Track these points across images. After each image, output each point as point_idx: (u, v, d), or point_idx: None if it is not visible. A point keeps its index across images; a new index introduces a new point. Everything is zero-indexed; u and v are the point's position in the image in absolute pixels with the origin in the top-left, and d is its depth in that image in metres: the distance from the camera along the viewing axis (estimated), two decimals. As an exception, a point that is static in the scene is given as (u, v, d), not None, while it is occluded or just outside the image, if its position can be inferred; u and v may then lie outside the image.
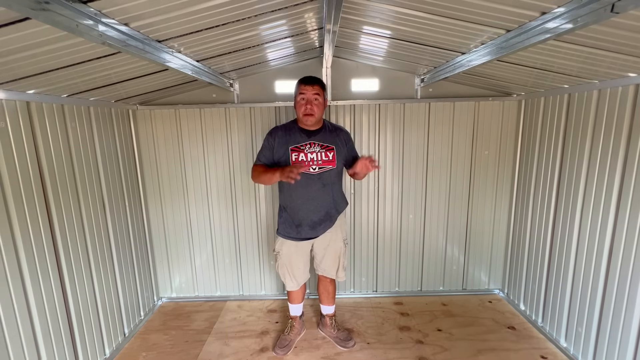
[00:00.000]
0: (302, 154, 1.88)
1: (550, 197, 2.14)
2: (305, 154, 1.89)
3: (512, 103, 2.50)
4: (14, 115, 1.47)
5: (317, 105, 1.83)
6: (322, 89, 1.86)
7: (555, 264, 2.11)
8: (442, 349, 2.11)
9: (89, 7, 0.95)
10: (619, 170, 1.67)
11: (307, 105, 1.81)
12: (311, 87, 1.82)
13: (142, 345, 2.21)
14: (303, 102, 1.82)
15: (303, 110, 1.82)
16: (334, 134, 1.96)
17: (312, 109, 1.82)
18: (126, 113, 2.37)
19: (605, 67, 1.54)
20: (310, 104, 1.81)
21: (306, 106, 1.81)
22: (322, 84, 1.86)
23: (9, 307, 1.44)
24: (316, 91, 1.82)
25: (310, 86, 1.82)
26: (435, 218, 2.67)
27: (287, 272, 2.05)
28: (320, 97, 1.84)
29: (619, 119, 1.65)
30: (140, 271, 2.49)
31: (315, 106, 1.82)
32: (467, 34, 1.47)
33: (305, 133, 1.91)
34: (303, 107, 1.82)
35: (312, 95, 1.82)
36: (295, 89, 1.90)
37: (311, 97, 1.82)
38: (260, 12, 1.38)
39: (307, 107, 1.81)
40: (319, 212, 1.94)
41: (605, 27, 1.13)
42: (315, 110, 1.82)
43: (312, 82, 1.83)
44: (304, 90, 1.82)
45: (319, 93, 1.84)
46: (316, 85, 1.83)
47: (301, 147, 1.89)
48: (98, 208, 2.01)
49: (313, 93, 1.82)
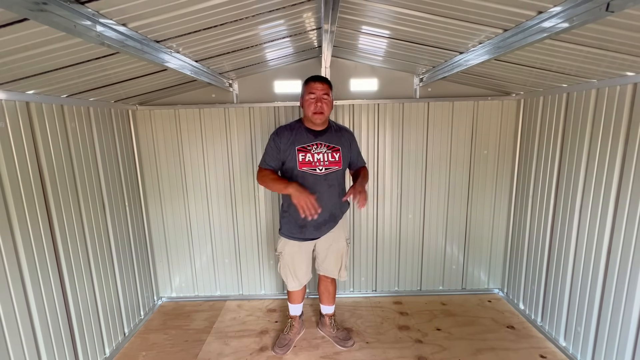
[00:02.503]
0: (308, 154, 1.88)
1: (549, 196, 2.14)
2: (312, 154, 1.88)
3: (511, 102, 2.50)
4: (14, 116, 1.48)
5: (327, 104, 1.84)
6: (330, 87, 1.87)
7: (555, 264, 2.11)
8: (442, 349, 2.11)
9: (86, 8, 0.96)
10: (617, 169, 1.67)
11: (317, 103, 1.81)
12: (321, 84, 1.83)
13: (142, 345, 2.22)
14: (313, 101, 1.82)
15: (313, 109, 1.82)
16: (339, 134, 1.97)
17: (322, 107, 1.82)
18: (126, 113, 2.38)
19: (604, 66, 1.54)
20: (320, 101, 1.82)
21: (316, 104, 1.81)
22: (330, 83, 1.88)
23: (9, 307, 1.45)
24: (325, 90, 1.83)
25: (320, 84, 1.83)
26: (434, 217, 2.67)
27: (290, 273, 2.05)
28: (329, 96, 1.85)
29: (617, 118, 1.65)
30: (140, 271, 2.49)
31: (325, 104, 1.83)
32: (464, 33, 1.47)
33: (312, 133, 1.91)
34: (313, 106, 1.82)
35: (322, 93, 1.82)
36: (302, 88, 1.90)
37: (321, 96, 1.82)
38: (258, 12, 1.38)
39: (318, 105, 1.81)
40: (324, 213, 1.93)
41: (602, 26, 1.14)
42: (325, 108, 1.83)
43: (322, 80, 1.84)
44: (314, 88, 1.82)
45: (328, 91, 1.85)
46: (325, 83, 1.84)
47: (308, 147, 1.89)
48: (98, 208, 2.02)
49: (323, 91, 1.83)
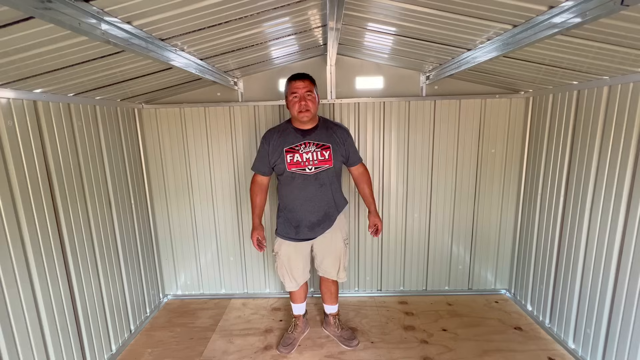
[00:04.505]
0: (296, 154, 1.86)
1: (559, 195, 2.10)
2: (300, 154, 1.86)
3: (520, 100, 2.46)
4: (22, 115, 1.49)
5: (311, 100, 1.80)
6: (312, 83, 1.83)
7: (564, 264, 2.07)
8: (447, 349, 2.09)
9: (91, 6, 0.96)
10: (629, 169, 1.62)
11: (300, 102, 1.79)
12: (302, 82, 1.79)
13: (148, 342, 2.24)
14: (296, 100, 1.79)
15: (297, 108, 1.79)
16: (330, 131, 1.93)
17: (306, 104, 1.79)
18: (132, 112, 2.39)
19: (616, 63, 1.50)
20: (304, 100, 1.79)
21: (300, 103, 1.79)
22: (311, 79, 1.83)
23: (17, 304, 1.46)
24: (307, 86, 1.79)
25: (301, 82, 1.79)
26: (440, 217, 2.64)
27: (286, 273, 2.05)
28: (312, 92, 1.81)
29: (630, 116, 1.60)
30: (146, 268, 2.51)
31: (309, 101, 1.79)
32: (472, 29, 1.44)
33: (300, 133, 1.88)
34: (297, 105, 1.79)
35: (304, 91, 1.79)
36: (285, 88, 1.87)
37: (304, 94, 1.79)
38: (263, 10, 1.37)
39: (302, 104, 1.79)
40: (317, 212, 1.93)
41: (615, 21, 1.10)
42: (310, 105, 1.80)
43: (302, 77, 1.80)
44: (295, 87, 1.79)
45: (311, 88, 1.81)
46: (306, 80, 1.80)
47: (295, 147, 1.87)
48: (104, 206, 2.03)
49: (305, 89, 1.79)
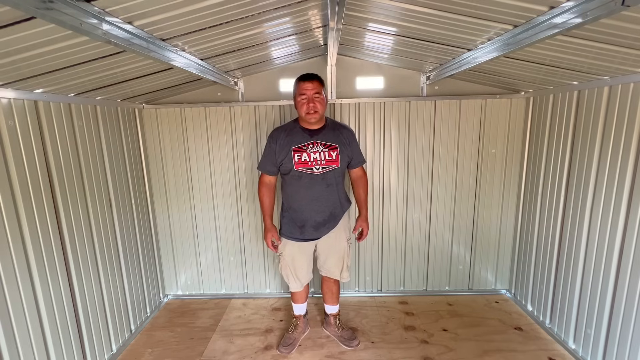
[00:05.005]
0: (304, 154, 1.86)
1: (559, 195, 2.10)
2: (308, 154, 1.86)
3: (520, 100, 2.46)
4: (23, 114, 1.49)
5: (320, 102, 1.81)
6: (321, 84, 1.82)
7: (564, 264, 2.07)
8: (448, 349, 2.09)
9: (93, 6, 0.96)
10: (630, 169, 1.63)
11: (309, 103, 1.79)
12: (311, 83, 1.79)
13: (148, 342, 2.24)
14: (305, 101, 1.79)
15: (306, 109, 1.80)
16: (337, 132, 1.93)
17: (315, 106, 1.79)
18: (132, 112, 2.39)
19: (617, 63, 1.50)
20: (312, 101, 1.79)
21: (308, 104, 1.79)
22: (321, 80, 1.83)
23: (18, 303, 1.46)
24: (316, 88, 1.79)
25: (310, 83, 1.79)
26: (441, 217, 2.64)
27: (291, 273, 2.05)
28: (320, 94, 1.81)
29: (631, 116, 1.61)
30: (147, 268, 2.51)
31: (317, 103, 1.80)
32: (473, 30, 1.44)
33: (308, 132, 1.89)
34: (305, 106, 1.79)
35: (313, 92, 1.79)
36: (293, 88, 1.87)
37: (312, 95, 1.79)
38: (263, 10, 1.37)
39: (310, 106, 1.79)
40: (323, 212, 1.93)
41: (616, 21, 1.10)
42: (318, 107, 1.80)
43: (311, 78, 1.80)
44: (304, 88, 1.79)
45: (319, 89, 1.81)
46: (315, 81, 1.80)
47: (303, 147, 1.87)
48: (105, 206, 2.04)
49: (313, 90, 1.79)
